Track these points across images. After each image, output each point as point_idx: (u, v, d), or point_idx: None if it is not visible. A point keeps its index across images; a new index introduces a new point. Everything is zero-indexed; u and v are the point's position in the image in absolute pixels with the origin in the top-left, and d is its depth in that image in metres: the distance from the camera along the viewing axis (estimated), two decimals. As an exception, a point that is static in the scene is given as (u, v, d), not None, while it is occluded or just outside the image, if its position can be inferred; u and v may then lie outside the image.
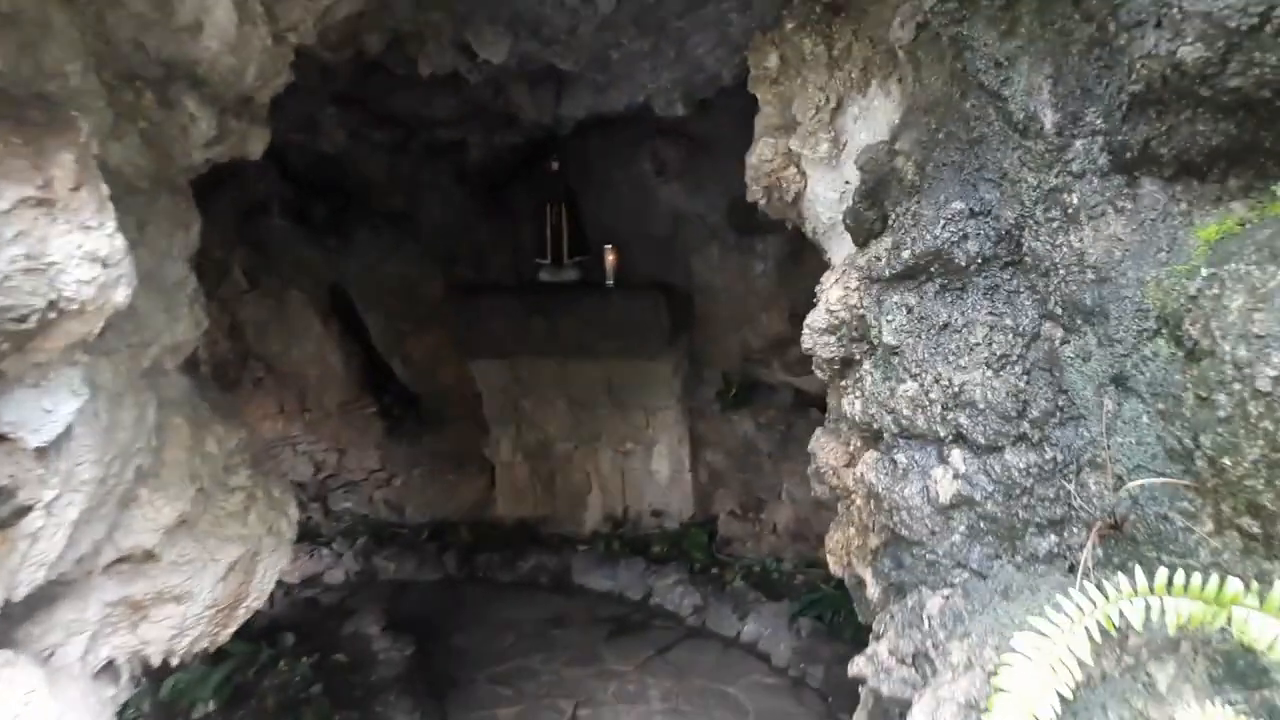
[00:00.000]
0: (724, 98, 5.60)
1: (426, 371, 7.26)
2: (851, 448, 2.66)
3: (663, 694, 4.97)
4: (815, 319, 2.63)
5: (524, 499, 7.13)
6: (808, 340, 2.70)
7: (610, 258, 6.21)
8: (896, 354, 2.30)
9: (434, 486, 7.38)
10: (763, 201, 3.12)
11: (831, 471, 2.77)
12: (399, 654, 5.24)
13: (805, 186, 2.85)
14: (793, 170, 2.92)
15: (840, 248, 2.75)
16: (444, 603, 6.25)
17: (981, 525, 2.12)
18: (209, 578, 2.64)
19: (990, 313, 2.07)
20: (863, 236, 2.51)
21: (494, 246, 6.86)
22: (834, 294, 2.55)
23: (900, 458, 2.31)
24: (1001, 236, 2.05)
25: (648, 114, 5.89)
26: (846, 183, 2.63)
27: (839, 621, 5.06)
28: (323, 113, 5.58)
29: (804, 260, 5.79)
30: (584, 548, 6.63)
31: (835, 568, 2.80)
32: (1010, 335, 2.03)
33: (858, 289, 2.45)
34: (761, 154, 3.07)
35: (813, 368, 2.88)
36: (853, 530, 2.66)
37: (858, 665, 2.43)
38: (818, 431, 2.96)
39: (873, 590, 2.54)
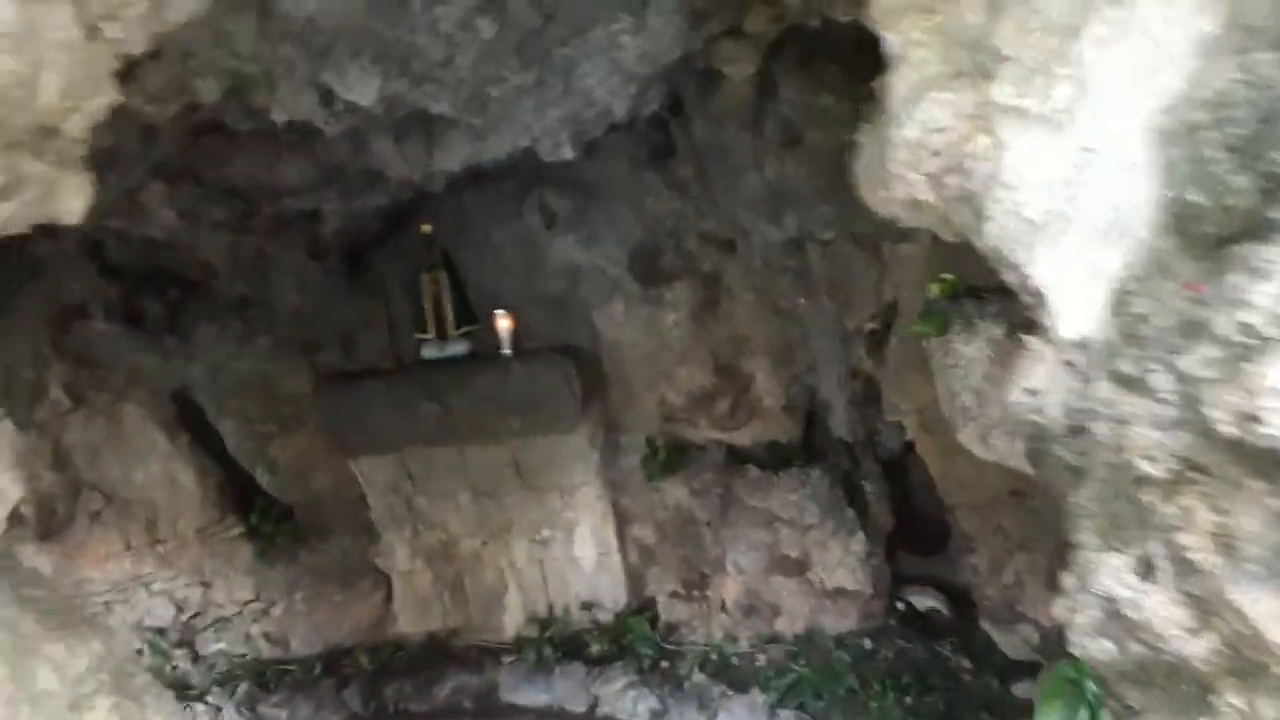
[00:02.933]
0: (612, 137, 5.21)
1: (297, 478, 6.43)
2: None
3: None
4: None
5: (430, 610, 6.35)
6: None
7: (504, 324, 5.63)
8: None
9: (321, 610, 6.49)
10: (925, 195, 2.03)
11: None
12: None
13: (999, 164, 1.84)
14: (984, 141, 1.86)
15: (1055, 260, 1.80)
16: (352, 751, 5.38)
17: None
18: None
19: None
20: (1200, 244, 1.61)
21: (364, 327, 6.18)
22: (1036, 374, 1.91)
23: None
24: None
25: (530, 161, 5.41)
26: (1086, 150, 1.73)
27: (823, 707, 4.55)
28: (146, 191, 4.80)
29: (719, 304, 5.43)
30: (510, 659, 5.91)
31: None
32: None
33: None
34: (931, 119, 1.92)
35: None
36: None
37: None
38: None
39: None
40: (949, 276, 2.86)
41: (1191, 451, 1.58)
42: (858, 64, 4.24)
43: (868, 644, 5.36)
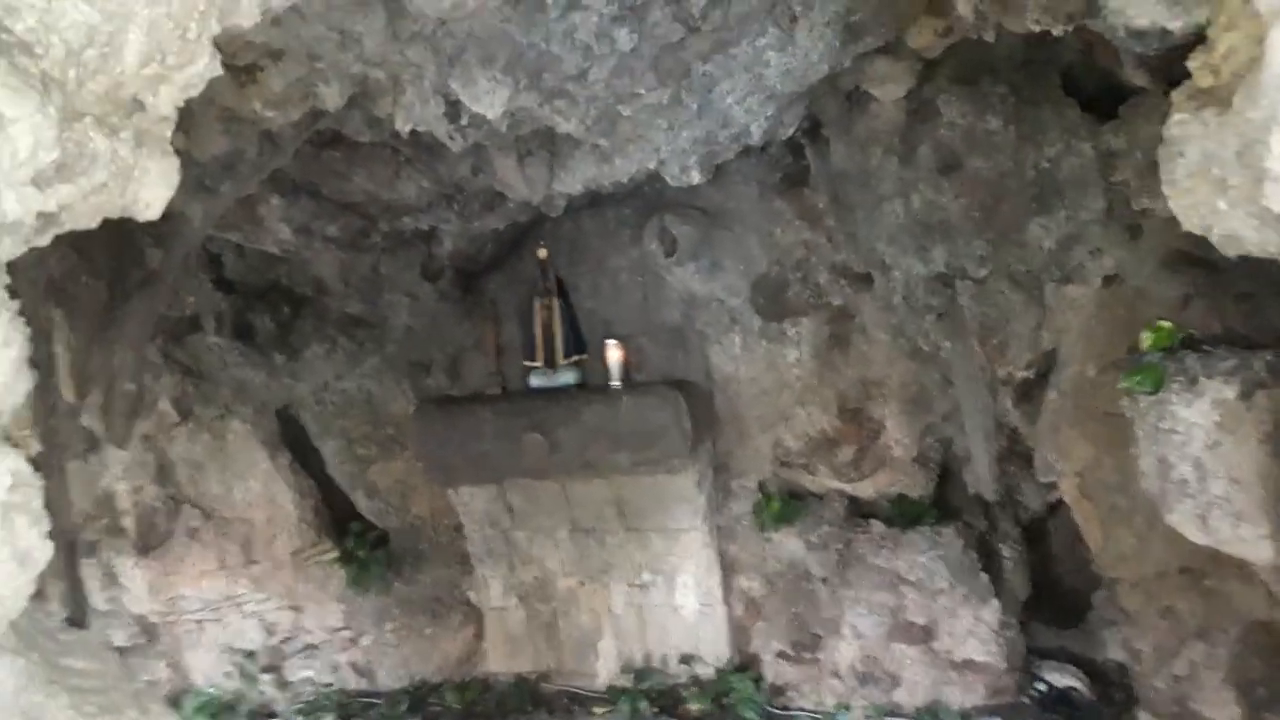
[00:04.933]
0: (740, 161, 4.96)
1: (396, 504, 6.34)
2: None
3: None
4: None
5: (521, 650, 6.12)
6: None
7: (615, 354, 5.41)
8: None
9: (410, 643, 6.35)
10: None
11: None
12: None
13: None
14: None
15: None
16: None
17: None
18: None
19: None
20: None
21: (472, 351, 6.07)
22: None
23: None
24: None
25: (652, 185, 5.23)
26: None
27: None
28: (264, 204, 4.77)
29: (850, 343, 5.09)
30: (602, 709, 5.61)
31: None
32: None
33: None
34: None
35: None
36: None
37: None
38: None
39: None
40: (1166, 324, 2.47)
41: None
42: (1022, 84, 3.93)
43: (997, 722, 4.90)
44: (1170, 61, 2.61)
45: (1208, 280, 3.20)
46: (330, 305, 5.91)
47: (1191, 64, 1.84)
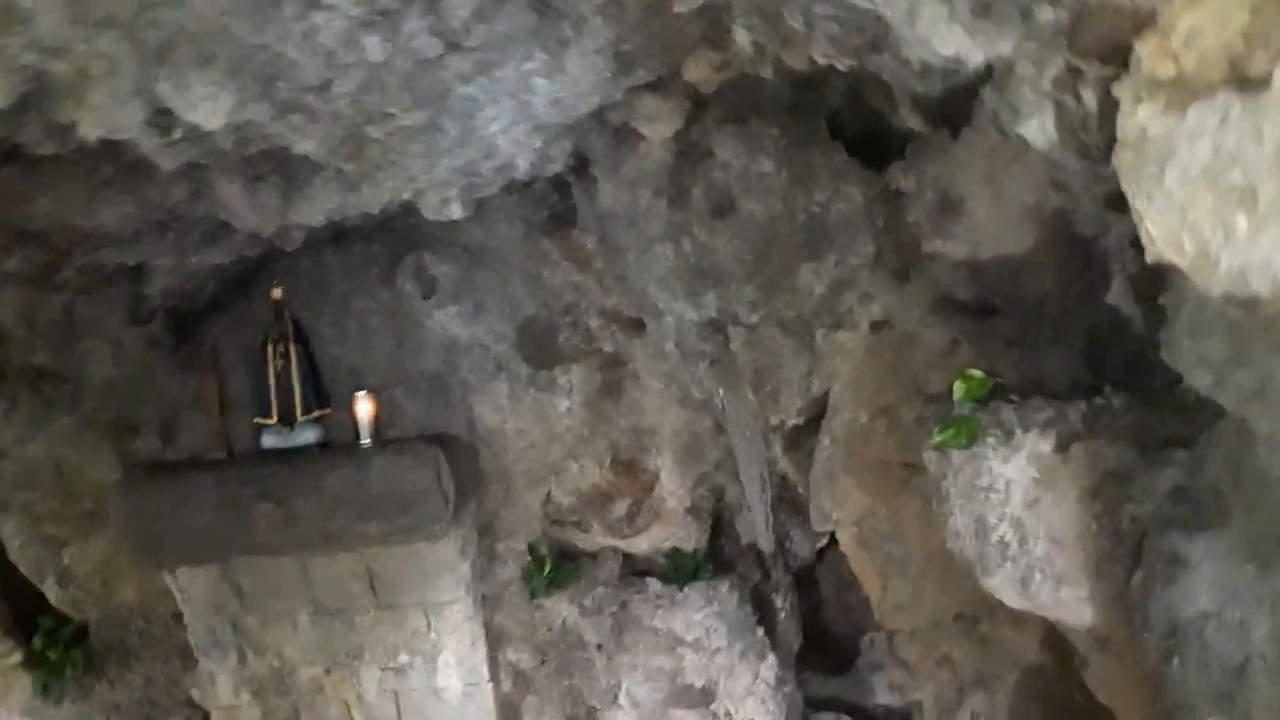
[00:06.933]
0: (504, 198, 4.72)
1: (96, 592, 5.45)
2: None
3: None
4: None
5: (256, 753, 5.39)
6: None
7: (365, 408, 4.92)
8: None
9: (116, 758, 5.42)
10: None
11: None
12: None
13: None
14: None
15: None
16: None
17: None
18: None
19: None
20: None
21: (190, 408, 5.34)
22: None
23: None
24: None
25: (404, 220, 4.86)
26: None
27: None
28: (-86, 232, 3.93)
29: (621, 390, 4.94)
30: (353, 816, 5.01)
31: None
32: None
33: None
34: None
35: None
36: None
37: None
38: None
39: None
40: (977, 373, 2.43)
41: None
42: (790, 126, 3.96)
43: (778, 785, 4.84)
44: (949, 102, 2.65)
45: (975, 326, 3.31)
46: (9, 355, 4.98)
47: (1142, 49, 1.69)
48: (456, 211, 4.16)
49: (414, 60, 3.18)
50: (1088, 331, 2.98)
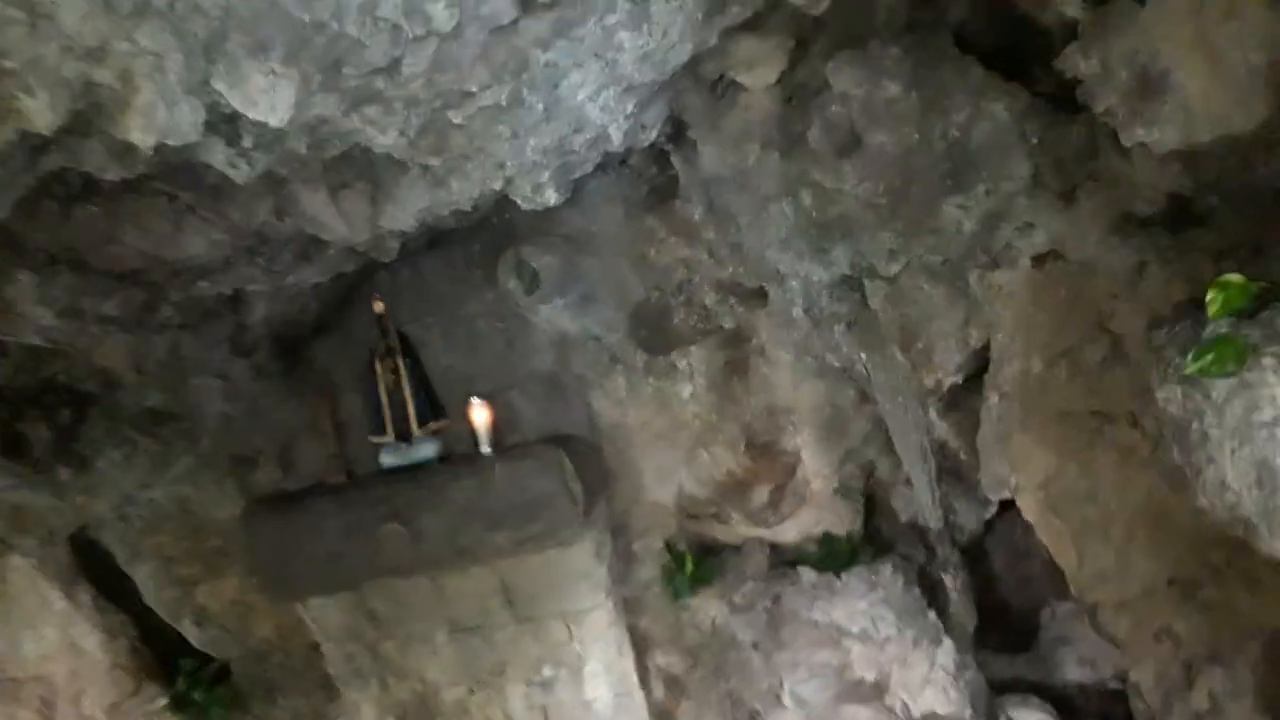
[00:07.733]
0: (598, 179, 4.42)
1: (234, 629, 5.44)
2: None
3: None
4: None
5: (409, 780, 5.27)
6: None
7: (482, 416, 4.69)
8: None
9: (272, 795, 5.40)
10: None
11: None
12: None
13: None
14: None
15: None
16: None
17: None
18: None
19: None
20: None
21: (306, 434, 5.28)
22: None
23: None
24: None
25: (500, 215, 4.63)
26: None
27: None
28: (12, 284, 3.86)
29: (748, 368, 4.58)
30: (516, 841, 4.82)
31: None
32: None
33: None
34: None
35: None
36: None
37: None
38: None
39: None
40: (1236, 278, 1.93)
41: None
42: (913, 48, 3.51)
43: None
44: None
45: (1169, 241, 2.81)
46: (123, 401, 4.96)
47: None
48: (551, 197, 3.88)
49: (486, 28, 2.89)
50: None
